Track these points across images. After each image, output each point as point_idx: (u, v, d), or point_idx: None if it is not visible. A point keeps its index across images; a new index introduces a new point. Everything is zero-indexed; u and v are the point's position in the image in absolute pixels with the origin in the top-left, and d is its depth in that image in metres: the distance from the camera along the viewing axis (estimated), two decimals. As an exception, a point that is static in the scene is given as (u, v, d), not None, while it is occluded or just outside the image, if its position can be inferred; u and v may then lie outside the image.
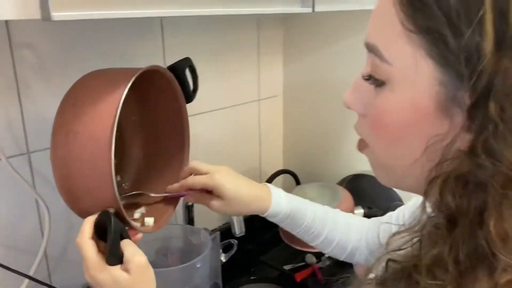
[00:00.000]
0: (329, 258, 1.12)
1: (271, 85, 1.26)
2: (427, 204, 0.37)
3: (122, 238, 0.54)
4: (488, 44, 0.29)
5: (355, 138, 1.23)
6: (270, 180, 1.16)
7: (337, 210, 0.77)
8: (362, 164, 1.17)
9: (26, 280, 0.73)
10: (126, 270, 0.52)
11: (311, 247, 1.03)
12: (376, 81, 0.38)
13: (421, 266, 0.34)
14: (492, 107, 0.30)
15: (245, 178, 0.70)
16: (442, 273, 0.32)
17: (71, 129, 0.55)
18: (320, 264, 1.09)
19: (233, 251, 1.03)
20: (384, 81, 0.37)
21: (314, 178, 1.22)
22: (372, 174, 0.46)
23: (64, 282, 0.86)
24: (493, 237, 0.30)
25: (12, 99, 0.75)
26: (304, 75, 1.25)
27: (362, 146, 0.43)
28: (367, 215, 1.03)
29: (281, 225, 0.72)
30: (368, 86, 0.39)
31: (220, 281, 0.65)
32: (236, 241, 1.04)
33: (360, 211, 1.02)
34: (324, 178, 1.20)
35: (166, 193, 0.67)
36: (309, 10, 0.82)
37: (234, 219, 0.83)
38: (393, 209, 0.93)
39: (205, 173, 0.67)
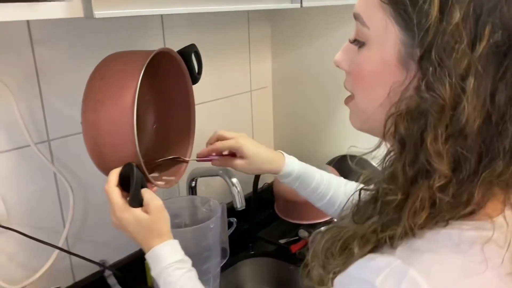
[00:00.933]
0: (320, 232, 1.23)
1: (261, 76, 1.36)
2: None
3: (142, 187, 0.64)
4: (434, 11, 0.40)
5: (340, 122, 1.40)
6: (263, 163, 1.26)
7: (341, 178, 0.88)
8: (347, 146, 1.28)
9: (56, 251, 0.81)
10: (146, 211, 0.64)
11: (304, 220, 1.15)
12: (358, 43, 0.48)
13: (381, 180, 0.47)
14: (433, 56, 0.40)
15: (262, 145, 0.84)
16: (394, 183, 0.44)
17: (99, 98, 0.65)
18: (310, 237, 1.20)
19: (232, 229, 1.12)
20: (364, 42, 0.47)
21: (303, 160, 1.32)
22: (357, 154, 0.57)
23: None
24: (430, 152, 0.41)
25: (34, 91, 0.83)
26: (291, 67, 1.35)
27: (348, 100, 0.53)
28: (353, 190, 1.14)
29: (293, 185, 0.84)
30: (353, 48, 0.49)
31: (227, 247, 0.74)
32: (235, 219, 1.14)
33: (347, 187, 1.13)
34: (313, 160, 1.30)
35: (194, 158, 0.81)
36: (298, 5, 0.91)
37: (236, 193, 0.93)
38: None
39: (230, 139, 0.80)
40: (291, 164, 0.83)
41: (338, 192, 0.85)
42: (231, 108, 1.28)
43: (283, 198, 1.11)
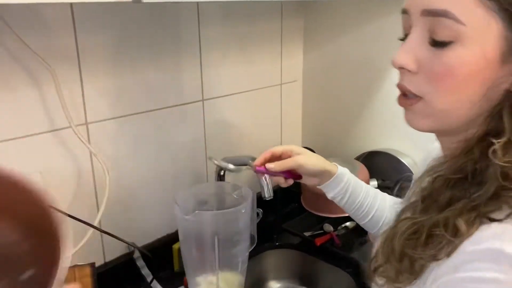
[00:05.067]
0: (345, 227, 1.23)
1: (292, 70, 1.37)
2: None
3: None
4: None
5: (369, 118, 1.38)
6: (291, 156, 1.26)
7: (385, 194, 0.84)
8: (374, 143, 1.28)
9: (91, 230, 0.84)
10: None
11: (330, 213, 1.15)
12: (436, 43, 0.46)
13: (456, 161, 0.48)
14: None
15: (319, 157, 0.81)
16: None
17: None
18: (336, 232, 1.20)
19: (258, 219, 1.14)
20: (451, 40, 0.45)
21: (331, 155, 1.32)
22: (384, 151, 0.57)
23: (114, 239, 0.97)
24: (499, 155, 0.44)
25: (74, 74, 0.86)
26: (322, 61, 1.35)
27: (409, 102, 0.50)
28: (380, 186, 1.14)
29: (342, 201, 0.80)
30: (421, 47, 0.47)
31: (255, 234, 0.76)
32: (261, 210, 1.15)
33: (374, 182, 1.12)
34: (340, 155, 1.31)
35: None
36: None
37: (264, 184, 0.94)
38: (404, 180, 1.04)
39: (284, 153, 0.77)
40: (342, 174, 0.79)
41: (382, 209, 0.81)
42: (261, 100, 1.29)
43: (310, 191, 1.11)
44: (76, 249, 0.84)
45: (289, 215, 1.30)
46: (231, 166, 0.81)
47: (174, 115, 1.06)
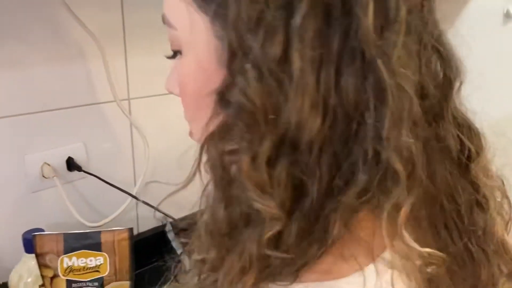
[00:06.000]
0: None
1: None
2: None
3: None
4: None
5: None
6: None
7: None
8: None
9: (128, 199, 0.89)
10: None
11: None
12: (175, 54, 0.37)
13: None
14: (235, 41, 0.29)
15: None
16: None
17: None
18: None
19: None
20: (179, 50, 0.36)
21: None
22: None
23: (149, 211, 1.01)
24: (248, 184, 0.30)
25: (119, 49, 0.90)
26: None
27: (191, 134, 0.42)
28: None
29: None
30: (176, 63, 0.37)
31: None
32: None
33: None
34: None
35: None
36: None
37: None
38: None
39: None
40: None
41: None
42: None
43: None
44: (114, 216, 0.89)
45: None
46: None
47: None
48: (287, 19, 0.27)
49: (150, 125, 0.98)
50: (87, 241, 0.73)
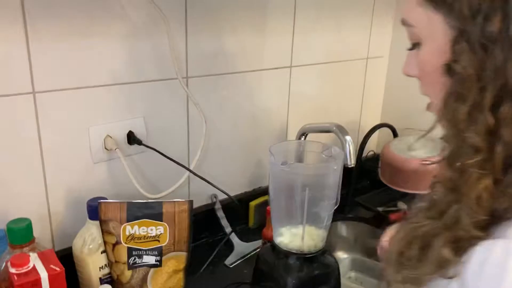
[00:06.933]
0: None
1: (379, 45, 1.35)
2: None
3: None
4: None
5: None
6: (371, 132, 1.27)
7: None
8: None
9: (186, 174, 0.91)
10: None
11: (411, 188, 1.14)
12: (414, 46, 0.50)
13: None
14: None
15: None
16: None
17: None
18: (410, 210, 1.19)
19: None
20: (418, 42, 0.49)
21: (412, 134, 1.30)
22: None
23: (199, 188, 1.03)
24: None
25: (181, 27, 0.91)
26: (412, 39, 1.32)
27: (429, 106, 0.54)
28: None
29: None
30: (414, 53, 0.51)
31: (339, 195, 0.77)
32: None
33: (458, 163, 1.10)
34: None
35: None
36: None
37: (348, 151, 0.95)
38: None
39: None
40: None
41: None
42: (345, 72, 1.29)
43: (390, 165, 1.11)
44: (172, 189, 0.91)
45: (362, 190, 1.31)
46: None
47: (263, 78, 1.10)
48: (504, 5, 0.40)
49: (207, 104, 1.00)
50: (149, 211, 0.75)
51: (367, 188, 1.33)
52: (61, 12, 0.75)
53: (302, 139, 1.12)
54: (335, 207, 0.79)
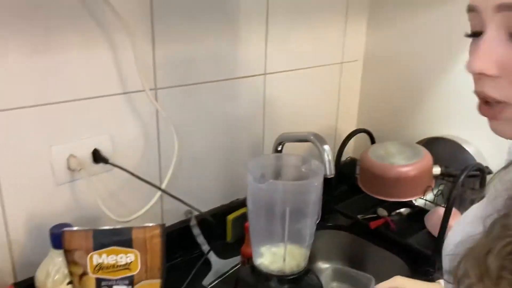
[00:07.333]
0: (399, 213, 1.20)
1: (354, 49, 1.33)
2: None
3: None
4: None
5: (431, 104, 1.31)
6: (348, 138, 1.24)
7: None
8: (435, 129, 1.23)
9: (158, 193, 0.85)
10: None
11: (390, 196, 1.12)
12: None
13: None
14: None
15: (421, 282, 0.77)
16: None
17: None
18: (391, 217, 1.17)
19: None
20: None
21: (388, 139, 1.28)
22: (447, 137, 0.50)
23: (173, 204, 0.98)
24: None
25: (147, 36, 0.86)
26: (386, 41, 1.30)
27: (496, 110, 0.43)
28: (443, 174, 1.10)
29: None
30: (502, 47, 0.41)
31: (320, 210, 0.74)
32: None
33: (437, 169, 1.09)
34: (398, 140, 1.27)
35: None
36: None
37: (327, 161, 0.92)
38: (472, 169, 0.99)
39: None
40: None
41: None
42: (320, 77, 1.26)
43: (369, 172, 1.09)
44: (143, 210, 0.86)
45: (341, 196, 1.29)
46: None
47: (237, 87, 1.05)
48: None
49: (179, 115, 0.95)
50: (117, 238, 0.69)
51: (346, 194, 1.30)
52: (16, 25, 0.69)
53: (280, 148, 1.08)
54: (317, 221, 0.75)
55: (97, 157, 0.83)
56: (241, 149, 1.12)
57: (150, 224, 0.72)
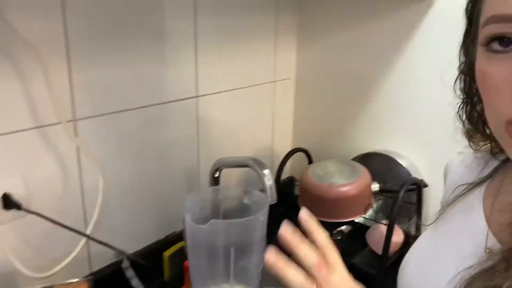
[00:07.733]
0: (340, 232, 1.19)
1: (285, 68, 1.31)
2: None
3: None
4: None
5: (364, 119, 1.32)
6: (286, 158, 1.21)
7: None
8: (370, 144, 1.24)
9: (83, 240, 0.75)
10: None
11: (331, 218, 1.10)
12: None
13: None
14: None
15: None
16: None
17: None
18: (332, 237, 1.16)
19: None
20: None
21: (325, 157, 1.28)
22: (381, 152, 0.48)
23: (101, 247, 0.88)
24: None
25: (62, 65, 0.76)
26: (316, 59, 1.30)
27: None
28: (382, 190, 1.10)
29: None
30: None
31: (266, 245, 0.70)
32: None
33: (376, 185, 1.09)
34: (335, 157, 1.26)
35: None
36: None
37: (268, 186, 0.88)
38: (410, 183, 1.00)
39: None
40: None
41: None
42: (254, 98, 1.23)
43: (311, 194, 1.06)
44: (67, 261, 0.75)
45: (281, 218, 1.25)
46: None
47: (168, 111, 0.98)
48: None
49: (104, 146, 0.85)
50: (35, 301, 0.59)
51: (286, 214, 1.26)
52: None
53: (217, 175, 1.02)
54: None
55: (8, 202, 0.72)
56: (175, 178, 1.04)
57: (75, 280, 0.62)
